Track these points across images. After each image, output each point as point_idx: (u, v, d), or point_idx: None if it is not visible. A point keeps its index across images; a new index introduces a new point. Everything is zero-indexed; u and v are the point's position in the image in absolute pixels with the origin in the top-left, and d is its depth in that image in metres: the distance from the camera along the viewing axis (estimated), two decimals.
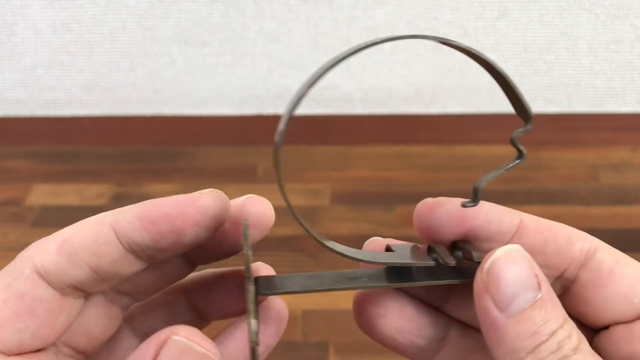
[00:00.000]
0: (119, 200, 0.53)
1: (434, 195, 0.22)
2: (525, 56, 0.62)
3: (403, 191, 0.53)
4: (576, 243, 0.21)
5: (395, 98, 0.64)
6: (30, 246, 0.22)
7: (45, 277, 0.21)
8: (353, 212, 0.51)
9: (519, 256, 0.19)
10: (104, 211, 0.21)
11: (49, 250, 0.21)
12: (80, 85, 0.64)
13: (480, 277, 0.19)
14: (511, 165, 0.22)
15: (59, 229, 0.22)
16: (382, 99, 0.64)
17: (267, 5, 0.59)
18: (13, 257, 0.23)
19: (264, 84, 0.63)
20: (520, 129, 0.22)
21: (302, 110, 0.64)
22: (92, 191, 0.54)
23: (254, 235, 0.23)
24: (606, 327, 0.20)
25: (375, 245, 0.23)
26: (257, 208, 0.24)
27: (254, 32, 0.61)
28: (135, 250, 0.21)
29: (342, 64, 0.62)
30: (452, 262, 0.20)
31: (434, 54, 0.61)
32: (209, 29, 0.60)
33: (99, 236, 0.20)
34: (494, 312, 0.18)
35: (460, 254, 0.21)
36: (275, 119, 0.64)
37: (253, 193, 0.25)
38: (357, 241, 0.24)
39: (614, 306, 0.20)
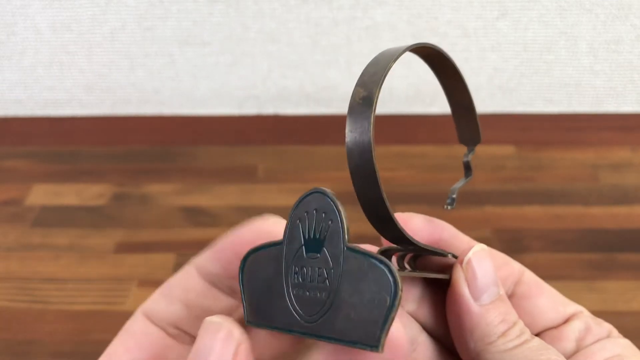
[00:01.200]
0: (119, 200, 0.53)
1: (435, 196, 0.23)
2: (525, 56, 0.62)
3: (403, 191, 0.53)
4: (511, 263, 0.25)
5: (396, 98, 0.64)
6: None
7: (149, 316, 0.24)
8: (353, 212, 0.51)
9: (488, 254, 0.22)
10: (104, 211, 0.23)
11: (154, 294, 0.24)
12: (80, 85, 0.64)
13: (458, 269, 0.22)
14: (464, 182, 0.26)
15: (59, 229, 0.22)
16: (383, 99, 0.64)
17: (267, 5, 0.59)
18: (13, 257, 0.23)
19: (263, 84, 0.63)
20: (468, 153, 0.26)
21: (302, 110, 0.64)
22: (92, 191, 0.54)
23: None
24: (538, 334, 0.24)
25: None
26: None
27: (253, 32, 0.61)
28: (215, 282, 0.24)
29: (342, 64, 0.62)
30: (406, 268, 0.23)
31: None
32: (209, 29, 0.60)
33: (185, 274, 0.24)
34: (470, 301, 0.22)
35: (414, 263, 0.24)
36: (275, 118, 0.64)
37: (253, 193, 0.25)
38: (357, 241, 0.24)
39: (545, 314, 0.24)
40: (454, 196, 0.26)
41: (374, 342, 0.19)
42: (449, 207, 0.25)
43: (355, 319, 0.20)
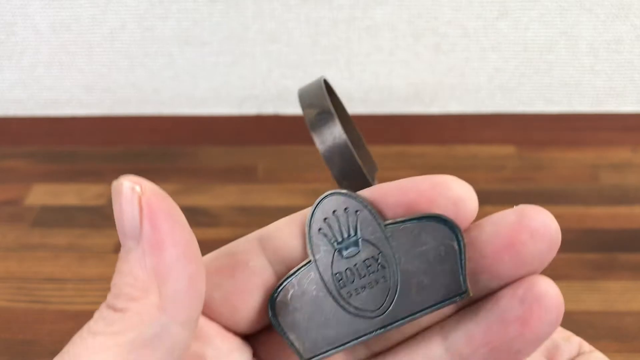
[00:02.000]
0: None
1: None
2: (525, 56, 0.62)
3: None
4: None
5: (395, 98, 0.64)
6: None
7: (265, 243, 0.21)
8: None
9: None
10: (104, 211, 0.22)
11: (279, 221, 0.22)
12: (80, 85, 0.64)
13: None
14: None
15: (58, 229, 0.22)
16: (382, 99, 0.64)
17: (266, 5, 0.59)
18: (12, 257, 0.23)
19: (263, 83, 0.63)
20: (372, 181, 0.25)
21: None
22: (91, 191, 0.54)
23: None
24: None
25: None
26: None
27: (253, 32, 0.61)
28: None
29: (342, 64, 0.62)
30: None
31: (434, 54, 0.61)
32: (209, 28, 0.60)
33: None
34: None
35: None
36: (274, 118, 0.64)
37: (253, 193, 0.25)
38: None
39: None
40: None
41: (462, 289, 0.19)
42: None
43: (430, 282, 0.19)
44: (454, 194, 0.20)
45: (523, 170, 0.56)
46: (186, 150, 0.59)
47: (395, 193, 0.20)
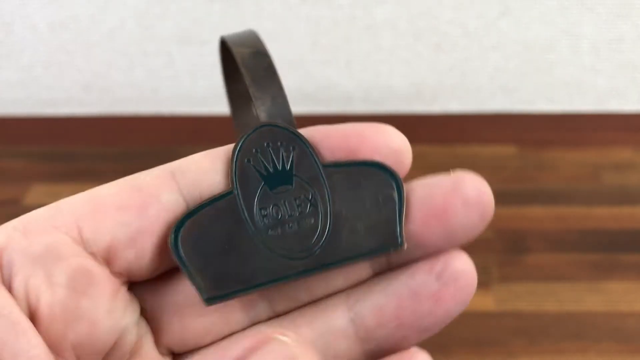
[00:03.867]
0: None
1: None
2: (526, 55, 0.61)
3: None
4: None
5: (396, 97, 0.63)
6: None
7: (177, 176, 0.19)
8: None
9: None
10: None
11: (194, 155, 0.19)
12: (79, 85, 0.63)
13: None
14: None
15: None
16: (383, 98, 0.63)
17: (266, 4, 0.59)
18: None
19: None
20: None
21: (303, 109, 0.64)
22: None
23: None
24: None
25: None
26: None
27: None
28: None
29: (342, 64, 0.62)
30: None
31: (435, 53, 0.61)
32: (208, 27, 0.60)
33: None
34: None
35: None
36: None
37: None
38: None
39: None
40: None
41: (395, 240, 0.18)
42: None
43: (363, 230, 0.18)
44: (396, 145, 0.19)
45: (524, 170, 0.56)
46: (185, 150, 0.59)
47: (336, 135, 0.19)
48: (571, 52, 0.61)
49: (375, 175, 0.19)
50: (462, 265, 0.18)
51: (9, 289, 0.17)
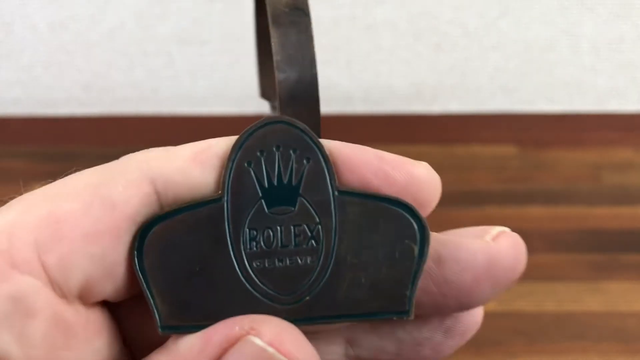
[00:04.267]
0: None
1: None
2: (526, 55, 0.61)
3: None
4: None
5: (396, 97, 0.63)
6: (143, 151, 0.16)
7: (161, 190, 0.15)
8: None
9: None
10: None
11: (180, 156, 0.15)
12: (79, 85, 0.63)
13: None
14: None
15: None
16: (383, 99, 0.63)
17: None
18: None
19: None
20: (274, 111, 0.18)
21: None
22: None
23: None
24: None
25: None
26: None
27: (253, 31, 0.60)
28: None
29: (342, 63, 0.62)
30: None
31: (434, 53, 0.61)
32: (208, 27, 0.60)
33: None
34: None
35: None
36: None
37: None
38: None
39: None
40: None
41: (402, 306, 0.15)
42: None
43: (368, 284, 0.15)
44: (431, 193, 0.16)
45: (524, 170, 0.56)
46: None
47: (365, 158, 0.15)
48: (571, 52, 0.61)
49: (398, 218, 0.15)
50: (474, 319, 0.17)
51: None
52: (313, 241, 0.15)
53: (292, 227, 0.15)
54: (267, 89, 0.20)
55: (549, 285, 0.46)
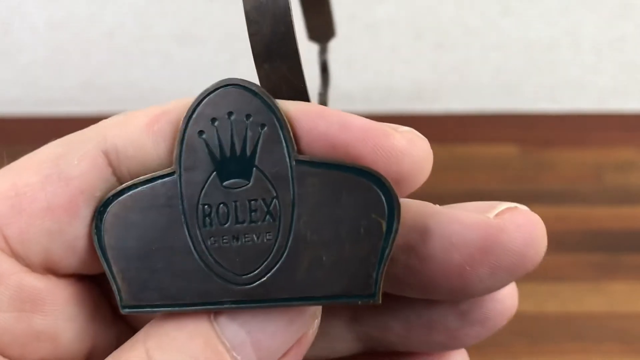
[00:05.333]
0: None
1: (436, 197, 0.20)
2: (528, 55, 0.61)
3: None
4: None
5: (397, 97, 0.63)
6: (110, 118, 0.15)
7: (114, 163, 0.15)
8: None
9: None
10: None
11: (134, 125, 0.15)
12: (77, 84, 0.63)
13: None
14: (324, 89, 0.18)
15: None
16: (383, 98, 0.63)
17: None
18: None
19: None
20: (323, 52, 0.19)
21: None
22: None
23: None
24: None
25: None
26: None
27: None
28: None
29: (342, 63, 0.62)
30: None
31: (435, 52, 0.61)
32: (208, 26, 0.60)
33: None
34: None
35: None
36: None
37: None
38: None
39: None
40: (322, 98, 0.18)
41: (368, 289, 0.14)
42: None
43: (330, 264, 0.14)
44: (414, 167, 0.14)
45: (526, 170, 0.56)
46: None
47: (328, 120, 0.14)
48: (573, 51, 0.61)
49: (363, 189, 0.14)
50: (500, 307, 0.15)
51: None
52: (270, 217, 0.14)
53: (247, 202, 0.14)
54: (316, 30, 0.20)
55: (550, 286, 0.45)
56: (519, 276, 0.14)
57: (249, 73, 0.58)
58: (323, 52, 0.19)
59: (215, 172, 0.14)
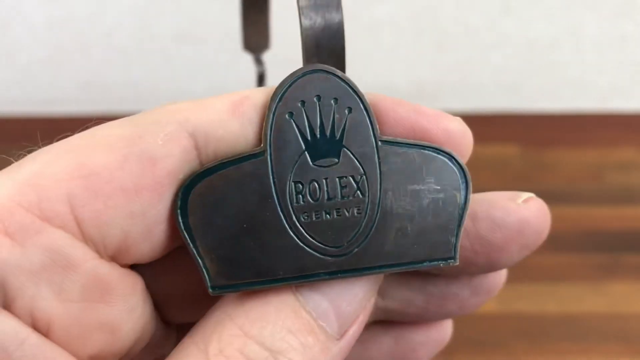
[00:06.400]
0: None
1: None
2: (529, 54, 0.61)
3: None
4: None
5: (397, 96, 0.63)
6: (180, 102, 0.15)
7: (201, 144, 0.14)
8: None
9: None
10: None
11: (217, 109, 0.15)
12: (76, 84, 0.63)
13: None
14: None
15: None
16: None
17: None
18: None
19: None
20: (260, 64, 0.19)
21: None
22: None
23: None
24: None
25: None
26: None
27: None
28: None
29: None
30: None
31: (436, 52, 0.61)
32: (207, 26, 0.60)
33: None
34: None
35: None
36: None
37: None
38: None
39: None
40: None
41: (449, 253, 0.15)
42: None
43: (414, 233, 0.15)
44: (465, 148, 0.17)
45: (526, 169, 0.55)
46: None
47: (408, 109, 0.16)
48: (574, 50, 0.61)
49: (440, 166, 0.16)
50: (500, 279, 0.19)
51: (10, 310, 0.13)
52: (359, 192, 0.15)
53: (337, 179, 0.15)
54: (251, 40, 0.21)
55: (551, 286, 0.45)
56: (532, 251, 0.18)
57: (249, 73, 0.58)
58: (259, 63, 0.20)
59: (306, 151, 0.15)
